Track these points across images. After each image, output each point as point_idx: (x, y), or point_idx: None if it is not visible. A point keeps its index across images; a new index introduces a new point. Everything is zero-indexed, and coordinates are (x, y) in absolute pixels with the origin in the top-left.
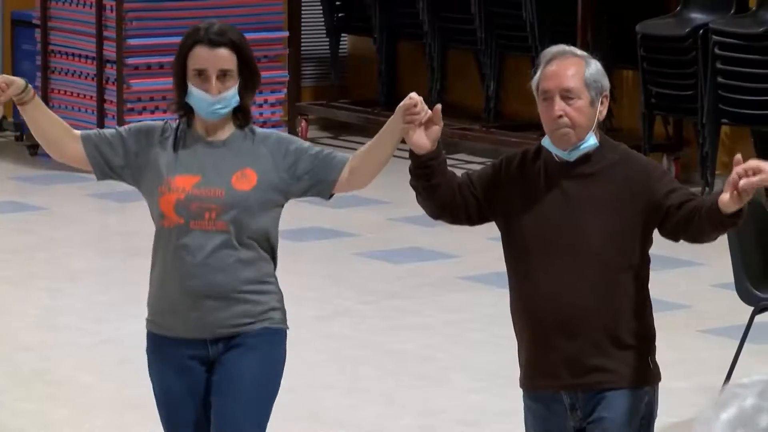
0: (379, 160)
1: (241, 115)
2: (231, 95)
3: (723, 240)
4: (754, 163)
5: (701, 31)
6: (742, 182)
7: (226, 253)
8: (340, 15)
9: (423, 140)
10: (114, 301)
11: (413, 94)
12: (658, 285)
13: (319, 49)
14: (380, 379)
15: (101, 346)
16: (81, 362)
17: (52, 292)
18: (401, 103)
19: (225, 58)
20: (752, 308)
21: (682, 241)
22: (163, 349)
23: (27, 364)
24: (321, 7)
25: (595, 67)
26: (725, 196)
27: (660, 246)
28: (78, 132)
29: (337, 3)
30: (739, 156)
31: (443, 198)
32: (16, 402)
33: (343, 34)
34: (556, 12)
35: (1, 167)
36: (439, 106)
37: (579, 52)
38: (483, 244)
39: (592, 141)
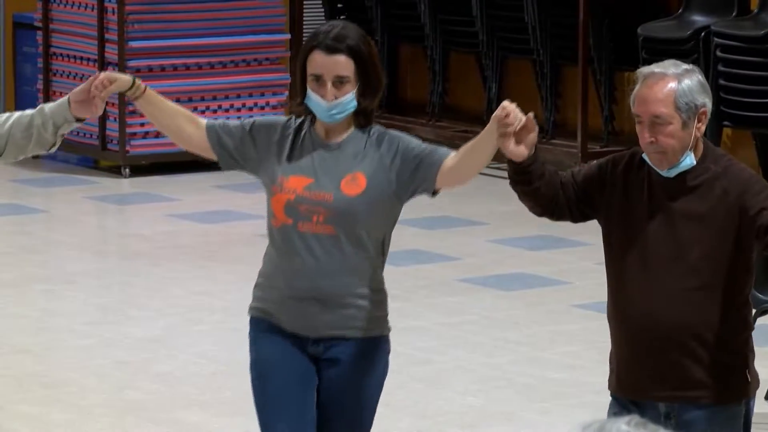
0: (475, 166)
1: (362, 118)
2: (347, 101)
3: None
4: None
5: (703, 33)
6: None
7: (334, 257)
8: (341, 17)
9: (519, 148)
10: (111, 303)
11: (506, 103)
12: None
13: None
14: None
15: (99, 348)
16: (78, 365)
17: (50, 295)
18: (495, 113)
19: (341, 64)
20: (753, 311)
21: None
22: (270, 325)
23: (24, 366)
24: (322, 10)
25: (688, 85)
26: None
27: None
28: (204, 121)
29: (339, 6)
30: None
31: (544, 198)
32: (14, 405)
33: None
34: (558, 14)
35: (1, 169)
36: (531, 115)
37: (673, 69)
38: (482, 247)
39: (688, 161)
